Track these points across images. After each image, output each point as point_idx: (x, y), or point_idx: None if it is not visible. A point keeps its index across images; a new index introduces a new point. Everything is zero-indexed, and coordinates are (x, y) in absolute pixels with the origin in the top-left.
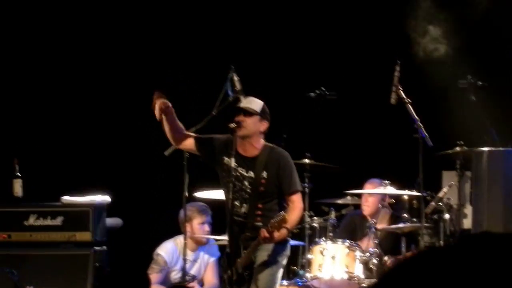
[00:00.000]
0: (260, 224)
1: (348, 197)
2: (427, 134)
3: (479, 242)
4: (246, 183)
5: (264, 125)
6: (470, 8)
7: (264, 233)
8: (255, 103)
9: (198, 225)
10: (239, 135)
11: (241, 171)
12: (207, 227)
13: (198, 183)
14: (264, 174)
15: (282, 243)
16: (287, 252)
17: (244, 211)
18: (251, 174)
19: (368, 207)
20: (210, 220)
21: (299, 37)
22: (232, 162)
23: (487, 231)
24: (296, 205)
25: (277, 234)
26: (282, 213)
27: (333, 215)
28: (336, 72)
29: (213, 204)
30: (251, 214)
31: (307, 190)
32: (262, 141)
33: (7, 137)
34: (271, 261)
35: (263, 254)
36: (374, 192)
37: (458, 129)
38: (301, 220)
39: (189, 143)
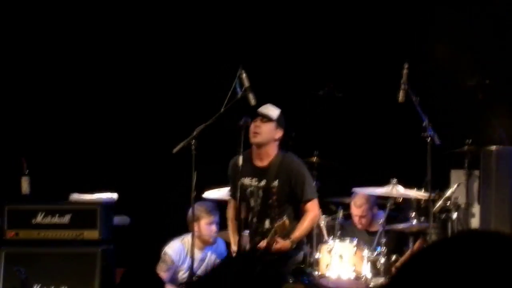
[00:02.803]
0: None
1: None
2: (435, 133)
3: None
4: (259, 194)
5: (279, 133)
6: (479, 6)
7: (263, 244)
8: (272, 110)
9: (206, 225)
10: (255, 142)
11: (254, 184)
12: (214, 228)
13: (206, 181)
14: (275, 183)
15: (295, 250)
16: (300, 258)
17: (256, 221)
18: (263, 183)
19: (361, 224)
20: (218, 220)
21: (307, 35)
22: (240, 161)
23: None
24: (309, 214)
25: (279, 245)
26: (284, 218)
27: (341, 214)
28: (344, 70)
29: (221, 203)
30: (263, 221)
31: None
32: (276, 149)
33: (15, 136)
34: (280, 261)
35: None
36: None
37: (466, 128)
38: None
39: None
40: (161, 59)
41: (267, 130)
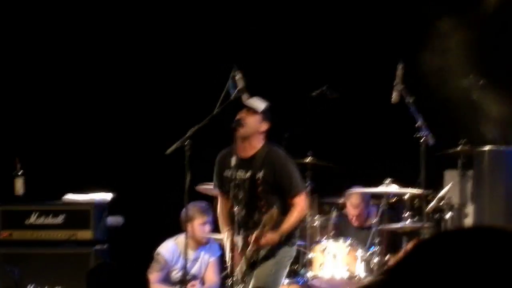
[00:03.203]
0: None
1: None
2: (429, 133)
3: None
4: (246, 185)
5: (264, 126)
6: (474, 6)
7: (251, 238)
8: (259, 103)
9: (199, 226)
10: (240, 134)
11: (240, 175)
12: (207, 228)
13: (200, 181)
14: (261, 173)
15: (287, 244)
16: (292, 253)
17: (245, 213)
18: (248, 174)
19: (357, 222)
20: (211, 220)
21: (301, 36)
22: (233, 161)
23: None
24: (297, 208)
25: (267, 238)
26: (274, 207)
27: (334, 214)
28: (338, 71)
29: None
30: (251, 214)
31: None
32: (261, 141)
33: (9, 136)
34: (273, 260)
35: (265, 253)
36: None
37: (460, 128)
38: (302, 221)
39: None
40: (156, 60)
41: (252, 121)
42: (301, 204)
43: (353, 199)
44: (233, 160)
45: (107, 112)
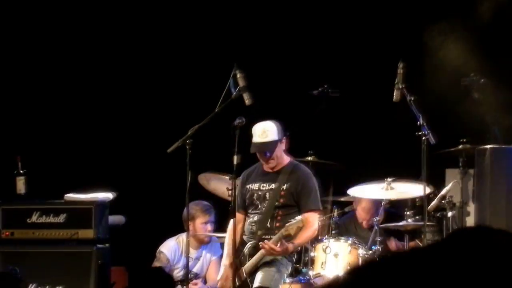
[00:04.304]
0: (275, 231)
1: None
2: (430, 132)
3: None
4: (268, 196)
5: (284, 142)
6: (475, 6)
7: (267, 244)
8: (271, 132)
9: (201, 225)
10: (272, 165)
11: (264, 187)
12: (209, 227)
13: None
14: (285, 186)
15: (288, 257)
16: (290, 268)
17: (259, 219)
18: (273, 186)
19: (367, 225)
20: (213, 219)
21: (302, 35)
22: (235, 160)
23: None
24: (310, 226)
25: (283, 247)
26: (300, 217)
27: (336, 213)
28: (339, 69)
29: (218, 202)
30: (266, 221)
31: None
32: (286, 157)
33: (11, 134)
34: (275, 268)
35: (267, 258)
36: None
37: (461, 127)
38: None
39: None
40: (157, 60)
41: (276, 151)
42: (314, 223)
43: (364, 203)
44: (260, 174)
45: (109, 111)
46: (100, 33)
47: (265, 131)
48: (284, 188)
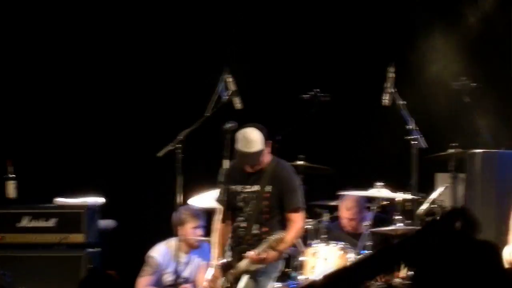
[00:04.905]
0: (263, 236)
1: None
2: (420, 136)
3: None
4: (253, 199)
5: (268, 147)
6: (466, 10)
7: (254, 255)
8: (255, 143)
9: (191, 229)
10: (257, 169)
11: (248, 189)
12: (199, 231)
13: (192, 185)
14: (269, 188)
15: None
16: (281, 266)
17: (247, 225)
18: (256, 188)
19: (350, 227)
20: (203, 224)
21: (292, 39)
22: (225, 164)
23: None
24: (295, 225)
25: (269, 256)
26: (283, 234)
27: (326, 217)
28: (330, 74)
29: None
30: (253, 227)
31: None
32: (268, 157)
33: (0, 138)
34: (261, 270)
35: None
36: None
37: (452, 131)
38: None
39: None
40: (147, 63)
41: (261, 158)
42: (298, 222)
43: (346, 202)
44: (241, 175)
45: (99, 115)
46: (90, 39)
47: (249, 141)
48: (268, 191)
